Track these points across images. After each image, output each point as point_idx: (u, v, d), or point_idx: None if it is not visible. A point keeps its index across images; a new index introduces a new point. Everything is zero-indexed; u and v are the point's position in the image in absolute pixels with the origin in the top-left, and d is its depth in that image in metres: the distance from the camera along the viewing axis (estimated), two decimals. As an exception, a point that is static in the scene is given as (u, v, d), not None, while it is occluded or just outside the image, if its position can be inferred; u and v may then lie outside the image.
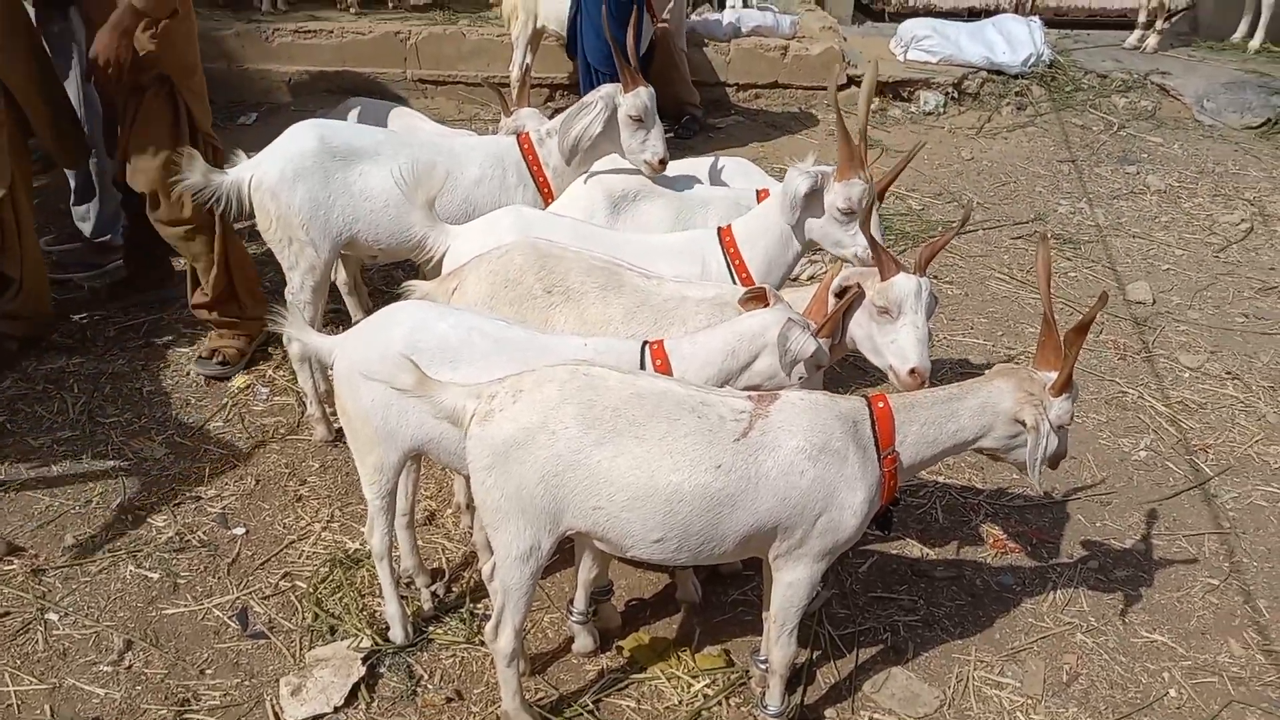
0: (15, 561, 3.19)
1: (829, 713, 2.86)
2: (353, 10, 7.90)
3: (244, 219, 3.54)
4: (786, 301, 2.73)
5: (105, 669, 2.85)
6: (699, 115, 7.52)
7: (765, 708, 2.67)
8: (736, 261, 3.12)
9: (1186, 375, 4.59)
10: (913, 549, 3.49)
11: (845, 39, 8.72)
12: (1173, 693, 2.97)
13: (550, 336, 2.67)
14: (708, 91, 7.80)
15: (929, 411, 2.45)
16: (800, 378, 2.63)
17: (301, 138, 3.52)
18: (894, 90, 8.18)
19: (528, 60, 7.37)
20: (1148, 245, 5.90)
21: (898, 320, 2.72)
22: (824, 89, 8.08)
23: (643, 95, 3.52)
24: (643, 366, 2.59)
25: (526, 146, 3.68)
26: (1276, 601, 3.31)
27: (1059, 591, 3.32)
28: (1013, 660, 3.06)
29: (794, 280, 4.10)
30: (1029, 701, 2.92)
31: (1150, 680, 3.01)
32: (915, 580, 3.35)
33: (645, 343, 2.64)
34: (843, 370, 4.44)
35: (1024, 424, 2.42)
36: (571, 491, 2.28)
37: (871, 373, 4.33)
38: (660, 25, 7.06)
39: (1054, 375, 2.45)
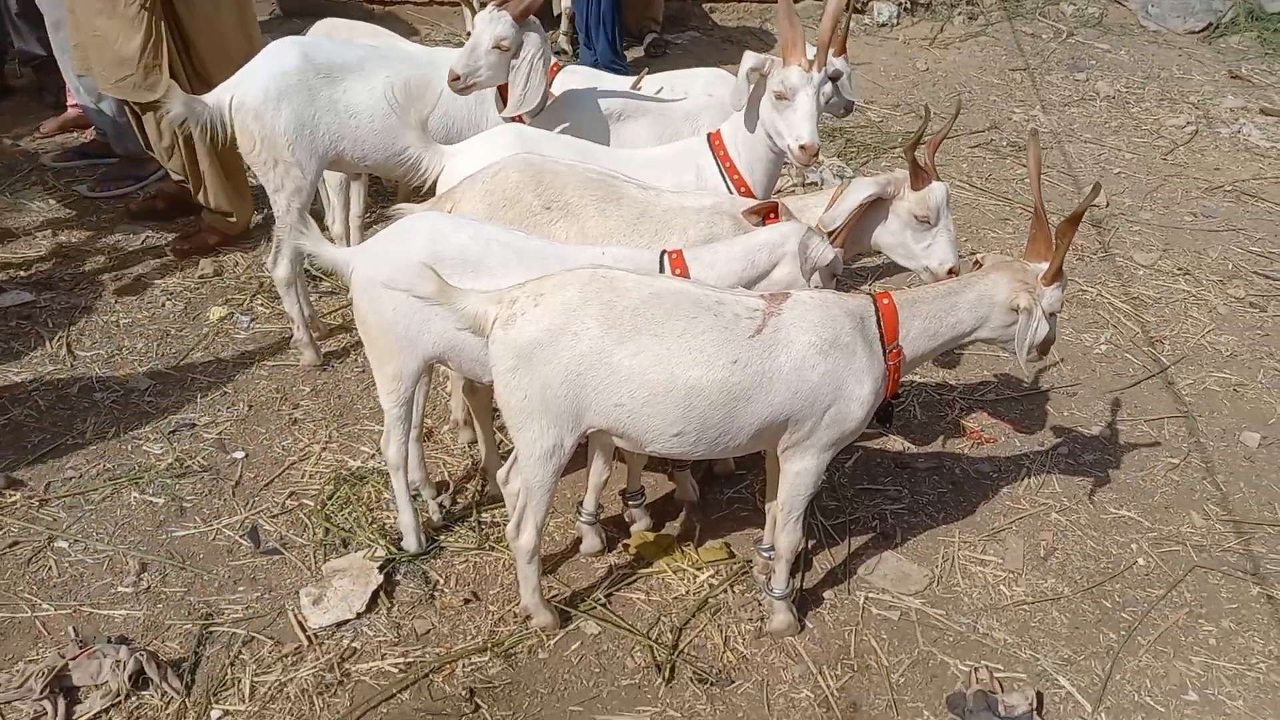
0: (16, 494, 3.19)
1: (827, 594, 3.03)
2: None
3: (227, 142, 3.46)
4: (789, 212, 2.81)
5: (124, 590, 2.89)
6: (658, 32, 7.44)
7: (771, 590, 2.83)
8: (727, 164, 3.17)
9: (1141, 273, 4.79)
10: (895, 444, 3.65)
11: (796, -50, 8.63)
12: (1141, 561, 3.20)
13: (567, 246, 2.71)
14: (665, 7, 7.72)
15: (930, 306, 2.57)
16: (816, 286, 2.72)
17: (283, 56, 3.44)
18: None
19: (478, -21, 7.20)
20: (1099, 150, 6.08)
21: (935, 225, 2.86)
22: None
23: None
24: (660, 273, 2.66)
25: None
26: (1232, 476, 3.56)
27: (1033, 477, 3.52)
28: (994, 539, 3.26)
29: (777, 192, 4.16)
30: (1011, 575, 3.12)
31: (1120, 551, 3.24)
32: (899, 472, 3.52)
33: (664, 251, 2.70)
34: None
35: (1018, 310, 2.55)
36: (594, 390, 2.36)
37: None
38: None
39: (1045, 266, 2.58)
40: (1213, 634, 2.96)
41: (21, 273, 4.31)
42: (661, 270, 2.64)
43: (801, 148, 2.96)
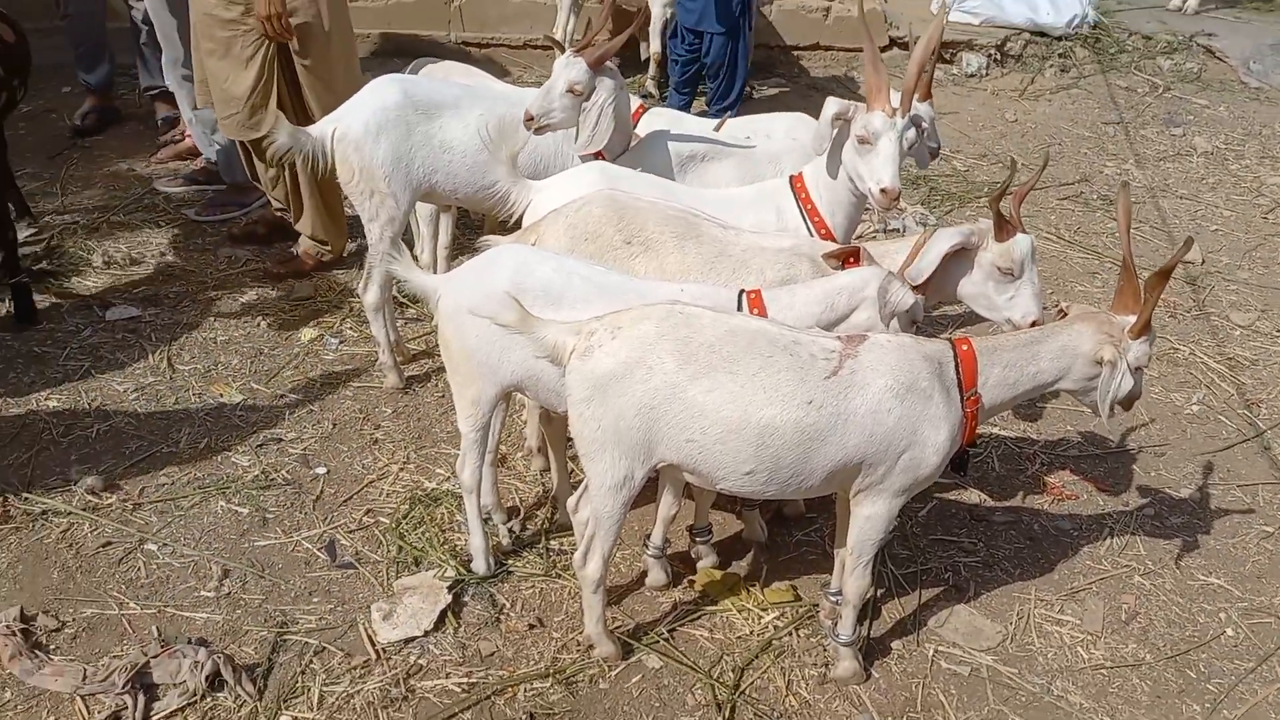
0: (112, 497, 3.34)
1: (895, 644, 2.97)
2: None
3: (327, 173, 3.62)
4: (870, 257, 2.82)
5: (206, 594, 2.99)
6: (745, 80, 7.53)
7: (837, 636, 2.79)
8: (809, 206, 3.19)
9: (1237, 333, 4.64)
10: (970, 496, 3.58)
11: (887, 0, 8.69)
12: (1229, 631, 3.07)
13: (646, 282, 2.75)
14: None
15: (1011, 354, 2.54)
16: (896, 332, 2.72)
17: (384, 92, 3.60)
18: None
19: (571, 21, 7.42)
20: (1195, 206, 5.92)
21: (1019, 278, 2.85)
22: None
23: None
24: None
25: None
26: (1330, 548, 3.40)
27: (1115, 538, 3.41)
28: (1072, 599, 3.16)
29: (858, 237, 4.17)
30: (1089, 637, 3.02)
31: (1207, 620, 3.11)
32: (974, 524, 3.45)
33: (743, 290, 2.72)
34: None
35: (1102, 362, 2.50)
36: (667, 424, 2.39)
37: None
38: None
39: (1132, 319, 2.53)
40: (1305, 712, 2.82)
41: (131, 290, 4.54)
42: (740, 309, 2.67)
43: (883, 191, 2.98)
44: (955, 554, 3.31)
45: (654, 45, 7.02)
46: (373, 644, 2.84)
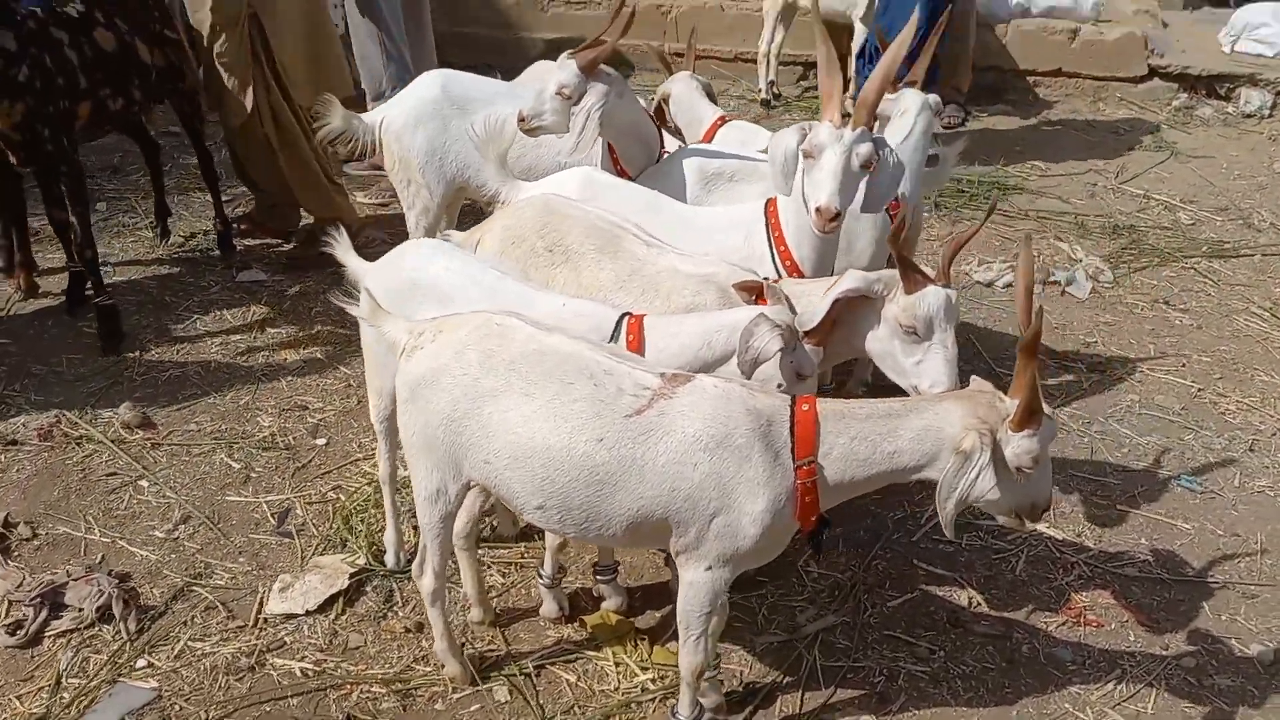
0: (139, 433, 3.71)
1: (773, 743, 2.58)
2: (622, -18, 8.13)
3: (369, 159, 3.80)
4: (781, 294, 2.46)
5: (157, 534, 3.24)
6: (961, 104, 6.89)
7: (675, 715, 2.46)
8: (777, 234, 2.85)
9: None
10: (962, 596, 3.01)
11: (1166, 24, 7.58)
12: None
13: (538, 292, 2.61)
14: (976, 76, 7.13)
15: (864, 425, 2.10)
16: (778, 385, 2.36)
17: (427, 85, 3.73)
18: (1208, 85, 6.99)
19: (779, 36, 7.20)
20: None
21: (926, 339, 2.39)
22: (1118, 80, 7.11)
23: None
24: (615, 337, 2.47)
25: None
26: None
27: (1125, 684, 2.71)
28: (1022, 747, 2.56)
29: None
30: (1016, 798, 2.44)
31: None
32: (948, 630, 2.90)
33: (625, 314, 2.51)
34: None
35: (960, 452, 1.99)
36: (467, 440, 2.25)
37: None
38: None
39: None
40: None
41: (268, 254, 5.03)
42: (615, 335, 2.44)
43: (816, 210, 2.57)
44: (904, 658, 2.80)
45: (851, 66, 6.62)
46: (258, 612, 2.93)
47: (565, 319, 2.45)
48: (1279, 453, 3.65)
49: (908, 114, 3.33)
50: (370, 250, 3.23)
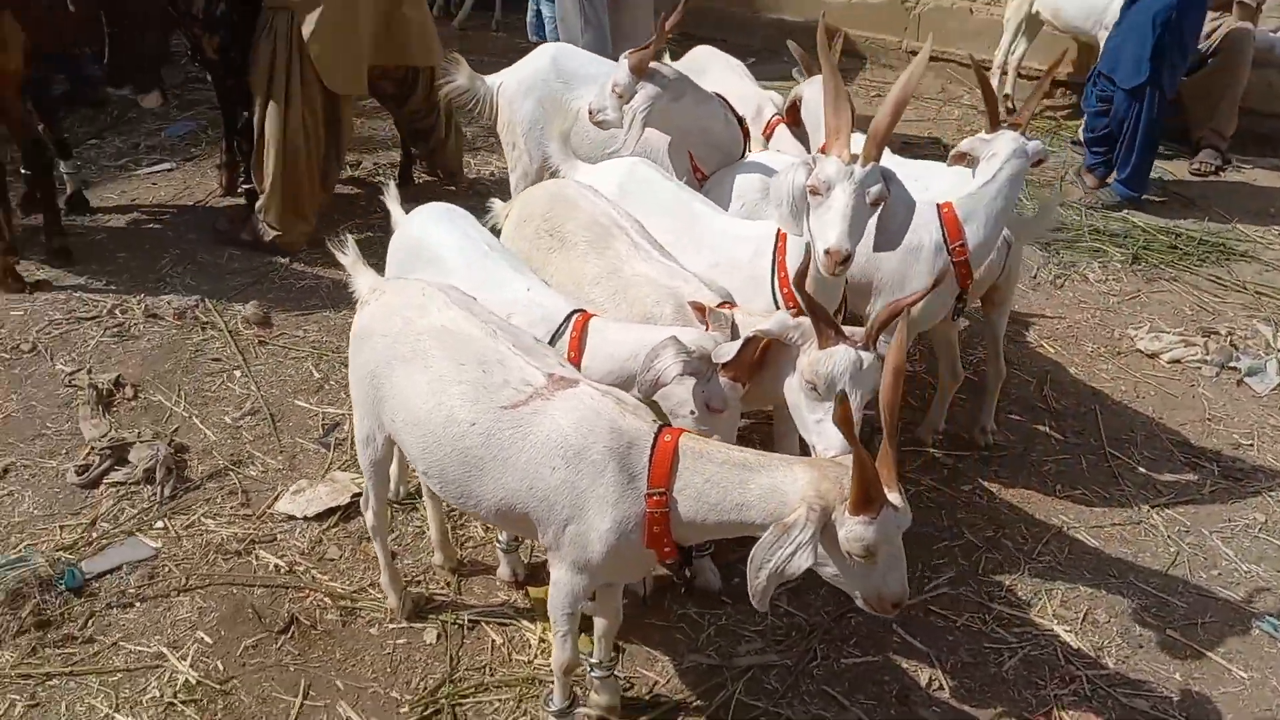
0: (257, 329, 4.16)
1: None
2: (875, -28, 7.81)
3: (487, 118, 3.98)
4: (726, 320, 2.37)
5: (227, 420, 3.65)
6: (1221, 150, 6.06)
7: (548, 704, 2.49)
8: (780, 259, 2.73)
9: None
10: (926, 675, 2.77)
11: None
12: None
13: (514, 274, 2.70)
14: (1246, 121, 6.21)
15: (718, 470, 2.00)
16: (692, 413, 2.30)
17: (540, 57, 3.87)
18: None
19: (1018, 48, 6.66)
20: None
21: (826, 400, 2.22)
22: None
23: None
24: (560, 333, 2.50)
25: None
26: None
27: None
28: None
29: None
30: None
31: None
32: (890, 704, 2.70)
33: (575, 311, 2.53)
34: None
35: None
36: (382, 396, 2.38)
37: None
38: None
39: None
40: None
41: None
42: (559, 332, 2.47)
43: (826, 253, 2.41)
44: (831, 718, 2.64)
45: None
46: (268, 507, 3.26)
47: (521, 305, 2.52)
48: None
49: (997, 157, 3.01)
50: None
